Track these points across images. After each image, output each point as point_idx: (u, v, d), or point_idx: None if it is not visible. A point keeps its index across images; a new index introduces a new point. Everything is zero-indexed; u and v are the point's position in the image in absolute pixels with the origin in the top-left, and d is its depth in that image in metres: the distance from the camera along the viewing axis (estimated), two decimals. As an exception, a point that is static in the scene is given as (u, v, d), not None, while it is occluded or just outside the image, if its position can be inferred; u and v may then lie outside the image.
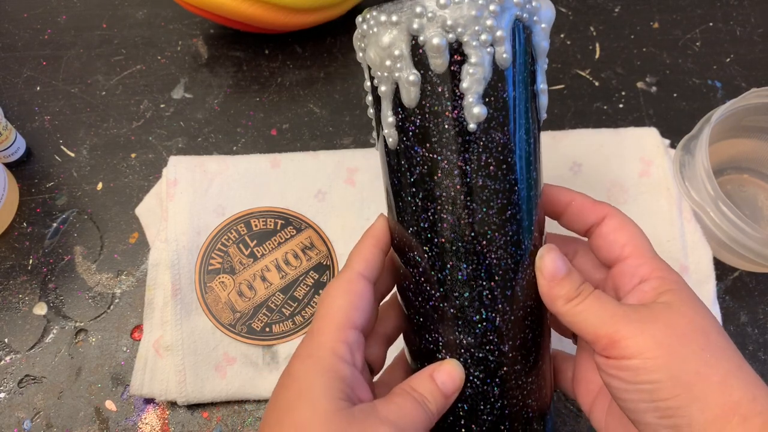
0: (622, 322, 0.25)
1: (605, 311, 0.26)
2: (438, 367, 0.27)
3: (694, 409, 0.24)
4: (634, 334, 0.25)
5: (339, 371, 0.25)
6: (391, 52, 0.26)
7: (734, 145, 0.45)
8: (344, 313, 0.27)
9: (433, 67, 0.25)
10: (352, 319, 0.27)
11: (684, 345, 0.24)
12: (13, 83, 0.50)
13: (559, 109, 0.49)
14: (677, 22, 0.53)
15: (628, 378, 0.25)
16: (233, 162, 0.44)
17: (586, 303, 0.26)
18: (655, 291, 0.27)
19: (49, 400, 0.40)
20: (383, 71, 0.26)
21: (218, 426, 0.39)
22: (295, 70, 0.51)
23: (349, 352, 0.26)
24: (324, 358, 0.26)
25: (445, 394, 0.27)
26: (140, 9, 0.53)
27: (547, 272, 0.27)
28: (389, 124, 0.27)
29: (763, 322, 0.42)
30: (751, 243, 0.38)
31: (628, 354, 0.25)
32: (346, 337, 0.26)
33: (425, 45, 0.25)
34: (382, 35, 0.26)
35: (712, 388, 0.24)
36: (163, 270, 0.40)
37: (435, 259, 0.27)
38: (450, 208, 0.26)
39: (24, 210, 0.45)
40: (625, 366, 0.25)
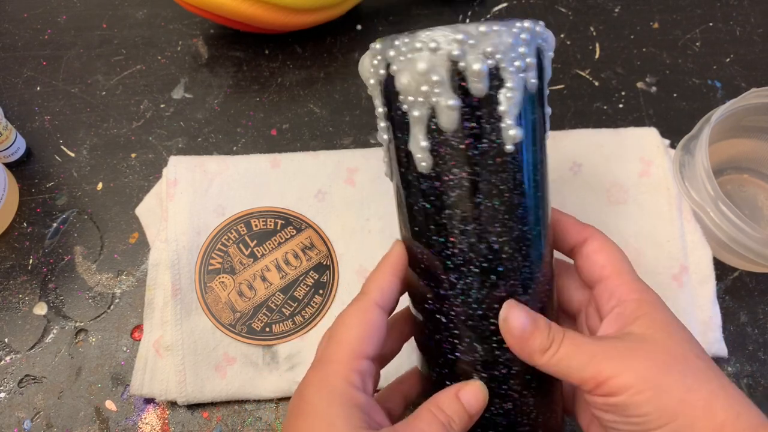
0: (603, 362, 0.25)
1: (584, 354, 0.26)
2: (464, 386, 0.28)
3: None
4: (618, 371, 0.25)
5: (355, 400, 0.26)
6: (428, 77, 0.26)
7: (734, 145, 0.45)
8: (358, 342, 0.27)
9: (474, 91, 0.26)
10: (366, 350, 0.27)
11: (665, 374, 0.25)
12: (13, 83, 0.50)
13: (559, 109, 0.49)
14: (677, 22, 0.53)
15: (618, 412, 0.25)
16: (233, 162, 0.44)
17: (563, 350, 0.26)
18: (633, 315, 0.27)
19: (49, 400, 0.40)
20: (418, 96, 0.26)
21: (218, 426, 0.39)
22: (295, 70, 0.51)
23: (361, 381, 0.27)
24: (340, 388, 0.26)
25: (470, 413, 0.27)
26: (140, 9, 0.53)
27: (516, 331, 0.27)
28: (422, 149, 0.27)
29: (763, 322, 0.42)
30: (751, 243, 0.38)
31: (614, 392, 0.25)
32: (359, 366, 0.27)
33: (466, 70, 0.26)
34: (418, 61, 0.26)
35: (698, 413, 0.24)
36: (163, 270, 0.40)
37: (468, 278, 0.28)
38: (490, 228, 0.27)
39: (24, 210, 0.45)
40: (614, 403, 0.25)
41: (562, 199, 0.43)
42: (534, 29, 0.27)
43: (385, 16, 0.54)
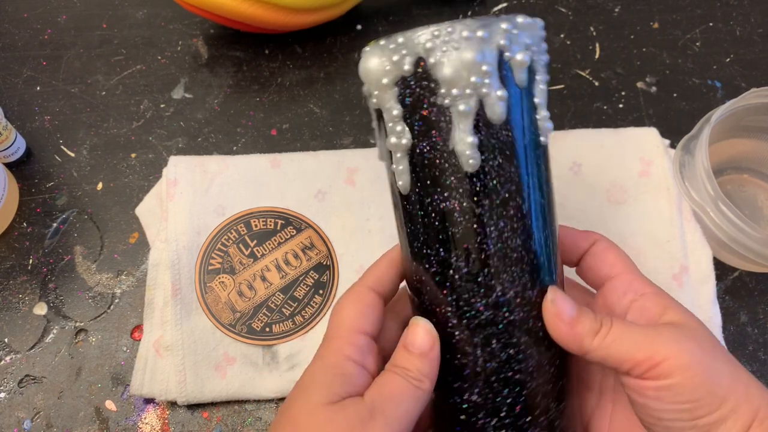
0: (658, 343, 0.25)
1: (636, 336, 0.26)
2: (407, 333, 0.27)
3: (729, 422, 0.24)
4: (674, 353, 0.25)
5: (343, 369, 0.26)
6: (479, 68, 0.25)
7: (734, 145, 0.45)
8: (354, 320, 0.28)
9: (518, 82, 0.26)
10: (361, 325, 0.27)
11: (714, 358, 0.25)
12: (13, 83, 0.50)
13: (559, 109, 0.49)
14: (677, 22, 0.53)
15: (668, 398, 0.25)
16: (233, 162, 0.44)
17: (614, 331, 0.26)
18: (658, 306, 0.27)
19: (49, 400, 0.40)
20: (466, 88, 0.25)
21: (218, 426, 0.39)
22: (295, 70, 0.51)
23: (358, 353, 0.27)
24: (329, 357, 0.27)
25: (423, 354, 0.26)
26: (140, 9, 0.53)
27: (565, 315, 0.26)
28: (471, 145, 0.25)
29: (763, 322, 0.42)
30: (751, 243, 0.38)
31: (670, 373, 0.25)
32: (356, 340, 0.27)
33: (511, 60, 0.26)
34: (468, 50, 0.25)
35: (741, 399, 0.25)
36: (163, 270, 0.40)
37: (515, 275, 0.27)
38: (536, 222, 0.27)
39: (24, 210, 0.45)
40: (667, 386, 0.25)
41: (562, 199, 0.43)
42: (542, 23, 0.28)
43: (385, 16, 0.54)
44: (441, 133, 0.26)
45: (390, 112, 0.27)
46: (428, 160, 0.26)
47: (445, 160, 0.26)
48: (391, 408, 0.25)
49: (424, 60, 0.25)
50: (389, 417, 0.25)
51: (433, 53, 0.25)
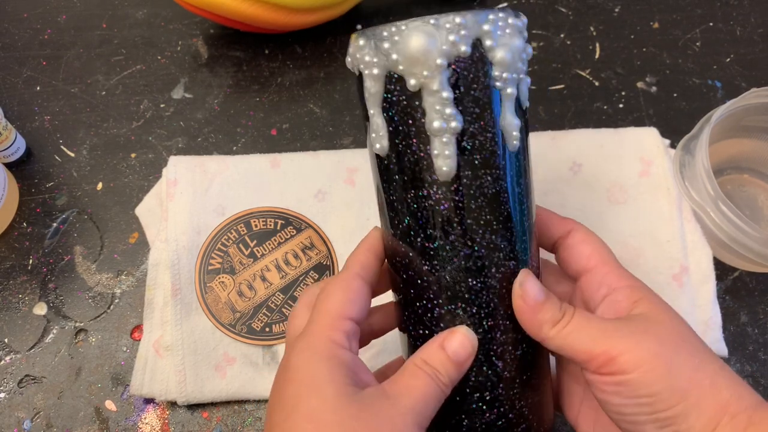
0: (615, 338, 0.25)
1: (595, 329, 0.26)
2: (448, 335, 0.26)
3: (692, 416, 0.24)
4: (630, 348, 0.25)
5: (339, 357, 0.25)
6: (523, 54, 0.27)
7: (734, 145, 0.45)
8: (340, 305, 0.27)
9: None
10: (348, 311, 0.27)
11: (675, 353, 0.25)
12: (13, 83, 0.50)
13: (559, 109, 0.49)
14: (677, 22, 0.53)
15: (627, 393, 0.25)
16: (233, 162, 0.44)
17: (574, 323, 0.26)
18: (629, 300, 0.27)
19: (49, 400, 0.40)
20: (514, 73, 0.26)
21: (218, 426, 0.39)
22: (295, 70, 0.51)
23: (346, 339, 0.26)
24: (322, 346, 0.26)
25: (458, 363, 0.26)
26: (140, 9, 0.53)
27: (530, 299, 0.26)
28: (516, 126, 0.27)
29: (763, 322, 0.42)
30: (751, 243, 0.38)
31: (626, 369, 0.25)
32: (343, 326, 0.26)
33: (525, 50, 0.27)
34: (516, 38, 0.26)
35: (705, 392, 0.24)
36: (163, 270, 0.40)
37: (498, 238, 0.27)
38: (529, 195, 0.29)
39: (24, 210, 0.45)
40: (624, 381, 0.25)
41: (562, 199, 0.43)
42: None
43: (385, 16, 0.54)
44: (492, 114, 0.26)
45: (438, 94, 0.26)
46: (479, 142, 0.26)
47: (493, 140, 0.27)
48: (422, 407, 0.25)
49: (482, 42, 0.26)
50: (421, 416, 0.25)
51: (491, 36, 0.26)
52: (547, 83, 0.50)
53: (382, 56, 0.26)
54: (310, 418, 0.24)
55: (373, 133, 0.28)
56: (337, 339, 0.26)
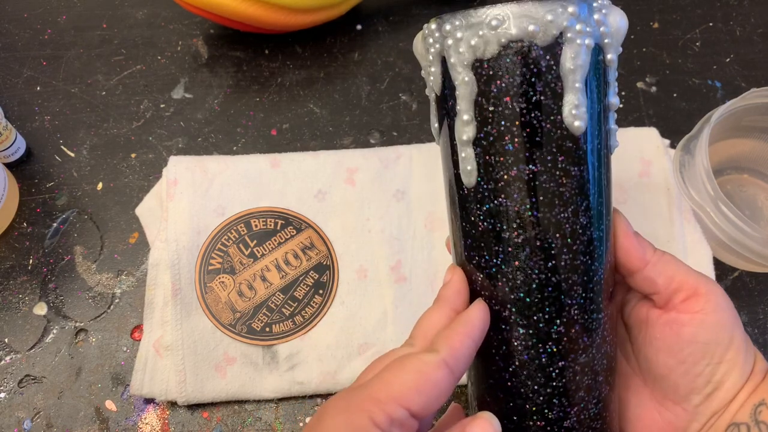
0: (702, 280, 0.28)
1: (685, 266, 0.28)
2: (471, 421, 0.25)
3: (737, 374, 0.28)
4: (712, 291, 0.28)
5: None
6: None
7: (734, 145, 0.45)
8: (407, 389, 0.23)
9: None
10: (412, 400, 0.23)
11: (735, 313, 0.28)
12: (13, 83, 0.50)
13: (559, 109, 0.49)
14: (677, 22, 0.53)
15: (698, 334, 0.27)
16: (233, 162, 0.44)
17: (669, 256, 0.29)
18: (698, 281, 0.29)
19: (49, 400, 0.40)
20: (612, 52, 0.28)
21: (218, 426, 0.39)
22: (295, 70, 0.51)
23: (388, 424, 0.23)
24: (357, 423, 0.23)
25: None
26: (140, 9, 0.53)
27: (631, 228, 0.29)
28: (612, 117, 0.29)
29: (763, 322, 0.42)
30: (751, 243, 0.38)
31: (705, 308, 0.27)
32: (394, 412, 0.23)
33: None
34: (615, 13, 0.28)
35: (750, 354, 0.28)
36: (163, 270, 0.40)
37: None
38: None
39: (24, 210, 0.45)
40: (699, 321, 0.27)
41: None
42: None
43: (385, 16, 0.54)
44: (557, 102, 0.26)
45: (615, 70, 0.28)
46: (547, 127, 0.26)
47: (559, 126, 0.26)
48: None
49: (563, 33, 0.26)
50: None
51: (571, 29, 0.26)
52: None
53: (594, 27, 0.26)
54: None
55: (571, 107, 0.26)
56: (380, 421, 0.22)
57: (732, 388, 0.28)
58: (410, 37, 0.52)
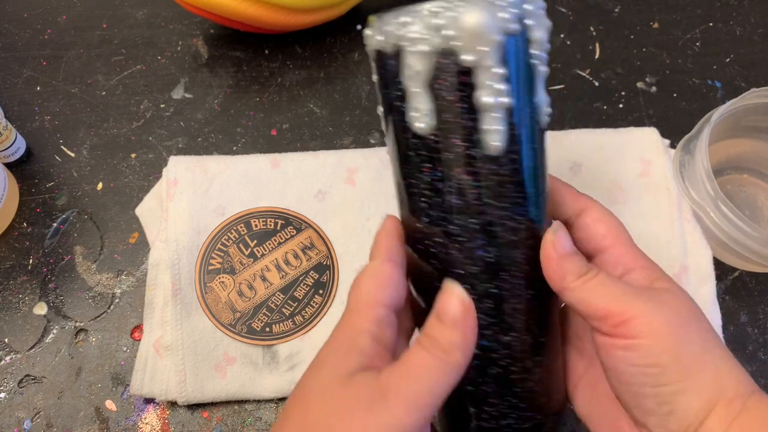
0: (634, 301, 0.25)
1: (616, 289, 0.26)
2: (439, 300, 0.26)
3: (692, 396, 0.24)
4: (646, 313, 0.25)
5: (356, 341, 0.25)
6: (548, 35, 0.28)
7: (734, 145, 0.45)
8: (371, 292, 0.26)
9: None
10: (380, 298, 0.26)
11: (688, 330, 0.25)
12: (13, 83, 0.50)
13: (559, 109, 0.49)
14: (677, 22, 0.53)
15: (635, 359, 0.25)
16: (233, 162, 0.44)
17: (597, 279, 0.26)
18: (648, 279, 0.27)
19: (49, 400, 0.40)
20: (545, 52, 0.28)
21: (218, 426, 0.39)
22: (295, 70, 0.51)
23: (375, 326, 0.25)
24: (344, 332, 0.25)
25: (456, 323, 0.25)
26: (140, 9, 0.53)
27: (560, 246, 0.26)
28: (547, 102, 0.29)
29: (763, 322, 0.42)
30: (751, 243, 0.38)
31: (639, 333, 0.25)
32: (374, 313, 0.25)
33: None
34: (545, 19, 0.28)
35: (708, 374, 0.24)
36: (163, 270, 0.40)
37: None
38: None
39: (24, 210, 0.45)
40: (635, 346, 0.25)
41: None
42: None
43: (385, 16, 0.54)
44: (532, 90, 0.28)
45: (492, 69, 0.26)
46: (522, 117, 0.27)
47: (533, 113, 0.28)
48: (408, 384, 0.23)
49: (523, 21, 0.26)
50: (405, 395, 0.23)
51: (531, 15, 0.27)
52: (546, 83, 0.50)
53: (433, 32, 0.26)
54: (303, 396, 0.25)
55: (413, 112, 0.27)
56: (365, 326, 0.25)
57: (689, 411, 0.24)
58: (410, 37, 0.52)
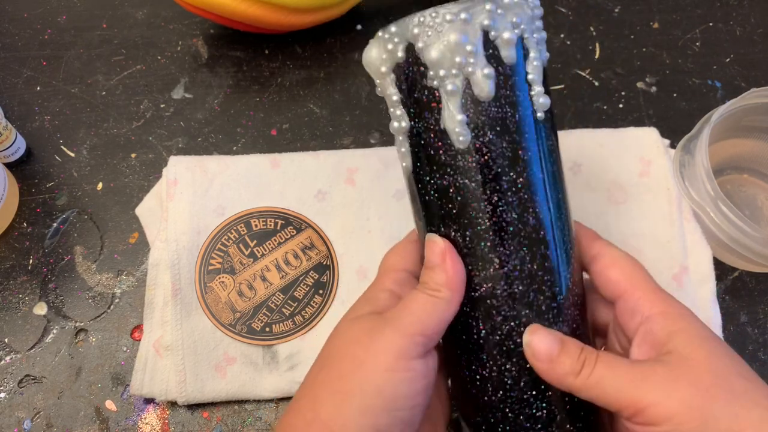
0: (643, 387, 0.24)
1: (622, 377, 0.24)
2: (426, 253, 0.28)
3: None
4: (660, 399, 0.23)
5: (374, 296, 0.29)
6: (462, 48, 0.26)
7: (734, 145, 0.45)
8: (395, 261, 0.30)
9: (506, 60, 0.27)
10: (401, 265, 0.30)
11: (712, 402, 0.23)
12: (13, 83, 0.50)
13: (559, 109, 0.49)
14: (677, 22, 0.53)
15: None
16: (233, 162, 0.44)
17: (597, 372, 0.25)
18: (663, 331, 0.26)
19: (49, 400, 0.40)
20: (452, 69, 0.26)
21: (218, 426, 0.39)
22: (295, 70, 0.51)
23: (396, 285, 0.29)
24: (369, 291, 0.30)
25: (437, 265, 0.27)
26: (140, 9, 0.53)
27: (542, 355, 0.25)
28: (459, 122, 0.26)
29: (763, 322, 0.42)
30: (751, 243, 0.38)
31: (656, 421, 0.23)
32: (395, 275, 0.29)
33: (497, 39, 0.26)
34: (451, 33, 0.26)
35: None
36: (163, 270, 0.40)
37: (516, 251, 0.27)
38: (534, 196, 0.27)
39: (24, 210, 0.45)
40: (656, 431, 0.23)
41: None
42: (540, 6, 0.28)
43: (385, 16, 0.54)
44: (433, 113, 0.27)
45: (390, 98, 0.28)
46: (424, 140, 0.28)
47: (439, 138, 0.27)
48: (402, 316, 0.26)
49: (414, 45, 0.27)
50: (399, 323, 0.26)
51: (420, 38, 0.26)
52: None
53: None
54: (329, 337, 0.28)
55: None
56: (387, 285, 0.29)
57: None
58: (410, 37, 0.52)
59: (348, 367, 0.26)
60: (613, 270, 0.28)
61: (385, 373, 0.25)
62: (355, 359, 0.26)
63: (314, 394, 0.26)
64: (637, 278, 0.28)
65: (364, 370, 0.25)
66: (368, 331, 0.26)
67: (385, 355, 0.25)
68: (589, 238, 0.30)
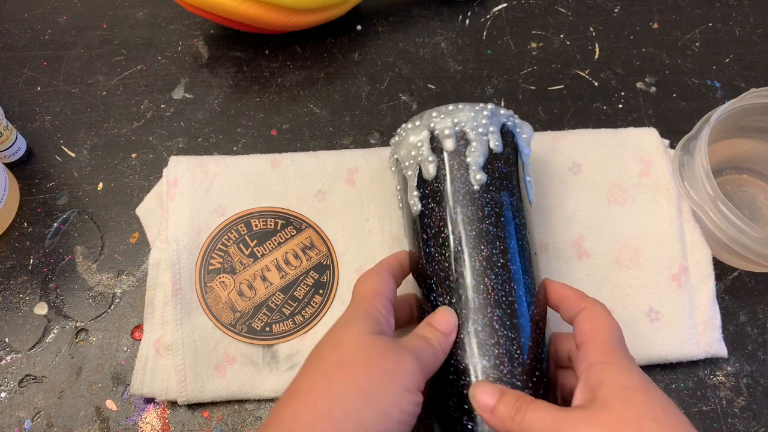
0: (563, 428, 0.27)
1: (547, 420, 0.28)
2: (434, 315, 0.33)
3: None
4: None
5: (374, 315, 0.32)
6: (415, 144, 0.36)
7: (733, 145, 0.45)
8: (378, 287, 0.33)
9: (446, 148, 0.35)
10: (383, 291, 0.33)
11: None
12: (13, 83, 0.50)
13: (558, 109, 0.49)
14: (677, 22, 0.53)
15: None
16: (233, 162, 0.44)
17: (528, 416, 0.29)
18: (597, 379, 0.29)
19: (49, 400, 0.40)
20: (410, 160, 0.36)
21: (218, 425, 0.39)
22: (295, 70, 0.51)
23: (383, 309, 0.32)
24: (363, 306, 0.32)
25: (444, 333, 0.32)
26: (140, 9, 0.53)
27: (484, 405, 0.30)
28: (414, 197, 0.36)
29: (762, 322, 0.42)
30: (751, 243, 0.38)
31: None
32: (381, 300, 0.33)
33: (439, 134, 0.36)
34: (410, 136, 0.36)
35: None
36: (163, 270, 0.41)
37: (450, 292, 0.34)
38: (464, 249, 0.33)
39: (25, 210, 0.45)
40: None
41: (562, 199, 0.43)
42: (495, 109, 0.36)
43: (385, 16, 0.54)
44: (405, 190, 0.37)
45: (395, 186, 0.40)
46: (404, 208, 0.38)
47: (408, 208, 0.37)
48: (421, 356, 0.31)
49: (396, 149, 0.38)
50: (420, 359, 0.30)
51: (396, 144, 0.38)
52: (546, 83, 0.50)
53: None
54: (337, 345, 0.31)
55: None
56: (376, 304, 0.32)
57: None
58: (410, 37, 0.52)
59: (378, 374, 0.29)
60: (586, 322, 0.32)
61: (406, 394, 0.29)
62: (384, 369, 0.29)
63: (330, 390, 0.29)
64: (602, 331, 0.31)
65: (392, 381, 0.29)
66: (395, 352, 0.30)
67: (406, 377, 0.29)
68: (576, 296, 0.33)
